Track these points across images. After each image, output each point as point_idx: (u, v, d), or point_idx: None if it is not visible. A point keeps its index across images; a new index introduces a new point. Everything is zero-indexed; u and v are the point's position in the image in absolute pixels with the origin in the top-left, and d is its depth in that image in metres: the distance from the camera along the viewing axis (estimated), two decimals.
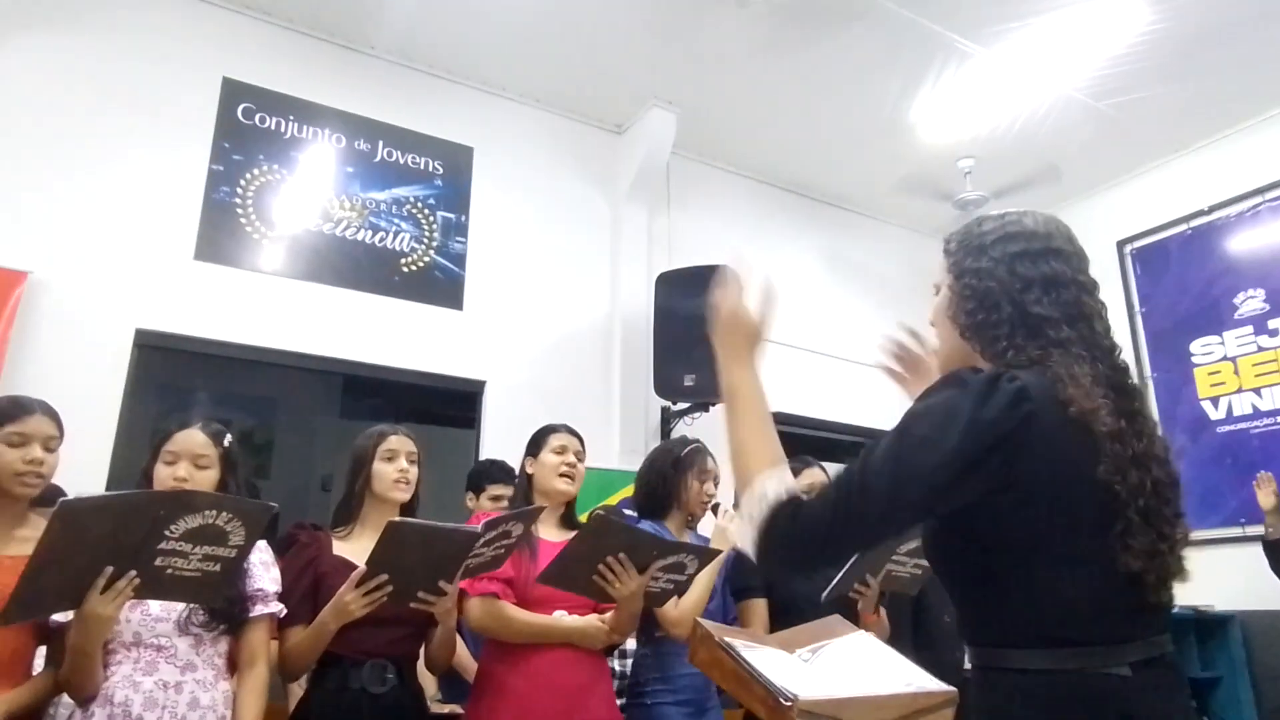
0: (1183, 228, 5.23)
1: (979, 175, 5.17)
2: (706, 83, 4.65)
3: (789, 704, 1.41)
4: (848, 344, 5.52)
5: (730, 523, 2.37)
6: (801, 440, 5.12)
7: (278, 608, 1.95)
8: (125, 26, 3.81)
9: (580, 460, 2.41)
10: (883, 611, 2.44)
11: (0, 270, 3.26)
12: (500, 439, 3.99)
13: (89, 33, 3.72)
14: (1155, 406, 4.98)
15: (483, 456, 3.89)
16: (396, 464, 2.16)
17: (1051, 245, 1.21)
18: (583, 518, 2.56)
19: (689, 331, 4.36)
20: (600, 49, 4.43)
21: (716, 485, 2.64)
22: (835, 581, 2.30)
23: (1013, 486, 1.06)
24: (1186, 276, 5.18)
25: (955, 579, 1.18)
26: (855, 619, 2.23)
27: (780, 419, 1.21)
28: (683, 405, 4.52)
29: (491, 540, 1.99)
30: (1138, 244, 5.43)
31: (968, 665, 1.17)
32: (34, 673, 1.82)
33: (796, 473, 2.59)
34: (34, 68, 3.56)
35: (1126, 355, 1.21)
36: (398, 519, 1.92)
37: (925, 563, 2.30)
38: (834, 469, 2.82)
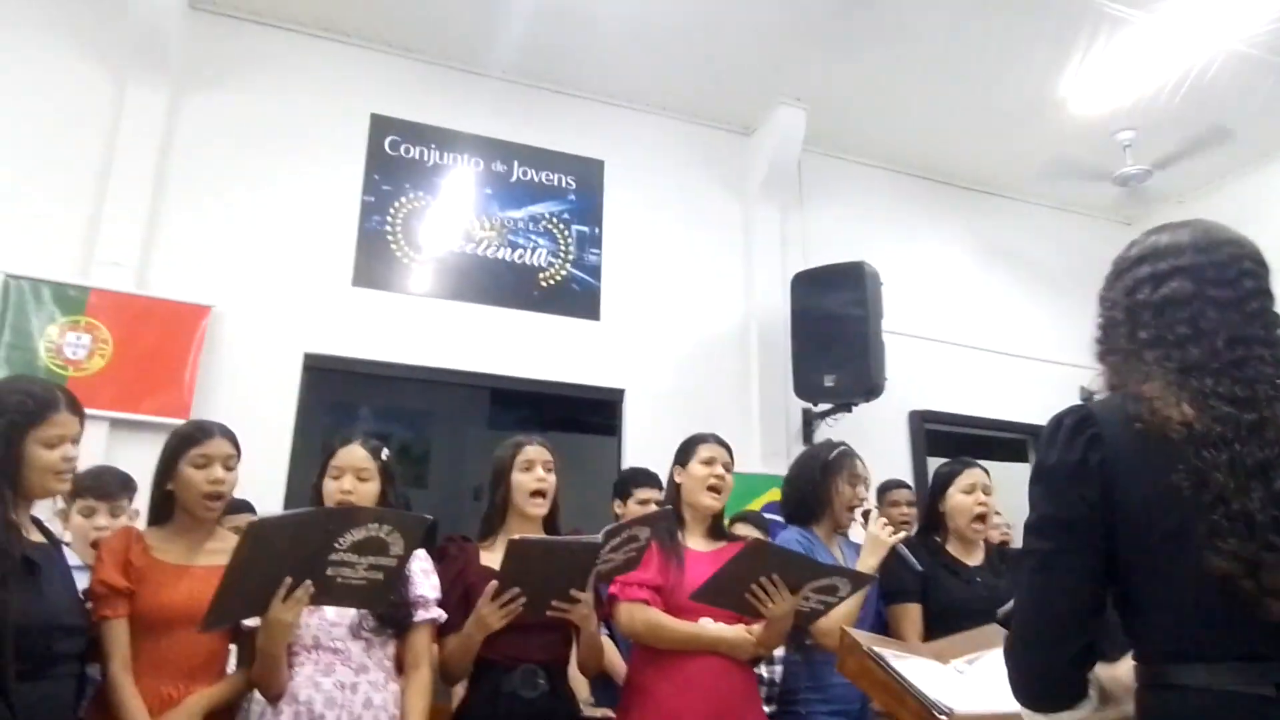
0: None
1: (1140, 147, 4.77)
2: (835, 74, 4.53)
3: (944, 717, 1.35)
4: (1003, 336, 5.24)
5: (882, 530, 2.29)
6: (956, 438, 4.89)
7: (438, 613, 2.05)
8: (283, 75, 4.13)
9: (729, 471, 2.36)
10: None
11: (189, 305, 3.62)
12: (642, 445, 4.04)
13: (252, 87, 4.06)
14: None
15: (625, 463, 3.95)
16: (534, 473, 2.21)
17: (1179, 263, 1.17)
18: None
19: (828, 331, 4.26)
20: (723, 51, 4.40)
21: (866, 489, 2.56)
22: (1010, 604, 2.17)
23: (1114, 505, 1.08)
24: None
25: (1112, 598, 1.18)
26: None
27: (933, 417, 1.23)
28: (824, 406, 4.42)
29: (618, 546, 2.02)
30: None
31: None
32: (228, 671, 1.99)
33: (956, 474, 2.51)
34: (209, 123, 3.93)
35: None
36: (518, 536, 1.99)
37: None
38: (993, 468, 2.68)
